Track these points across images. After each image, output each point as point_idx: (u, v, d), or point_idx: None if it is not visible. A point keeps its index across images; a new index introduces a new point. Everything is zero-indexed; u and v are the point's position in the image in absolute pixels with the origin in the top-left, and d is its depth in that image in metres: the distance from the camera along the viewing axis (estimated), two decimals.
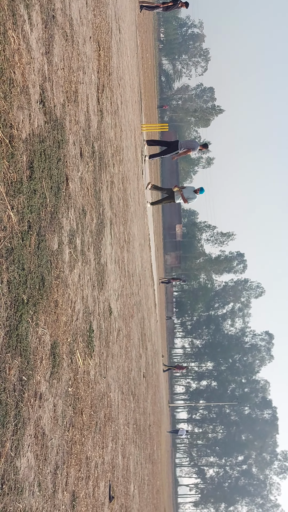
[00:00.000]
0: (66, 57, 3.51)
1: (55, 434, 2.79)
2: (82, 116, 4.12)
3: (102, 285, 5.01)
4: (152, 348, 17.02)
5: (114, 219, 6.46)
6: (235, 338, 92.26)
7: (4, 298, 2.07)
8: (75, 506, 3.24)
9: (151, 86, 37.40)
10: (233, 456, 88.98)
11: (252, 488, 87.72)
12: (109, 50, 6.71)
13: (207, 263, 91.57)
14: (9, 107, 2.19)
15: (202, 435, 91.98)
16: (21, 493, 2.17)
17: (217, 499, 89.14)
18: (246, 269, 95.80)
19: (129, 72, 11.26)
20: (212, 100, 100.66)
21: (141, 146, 14.18)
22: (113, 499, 4.97)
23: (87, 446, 3.76)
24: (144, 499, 9.56)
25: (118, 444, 5.76)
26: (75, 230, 3.61)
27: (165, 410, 35.15)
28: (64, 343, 3.10)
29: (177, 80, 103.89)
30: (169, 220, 70.45)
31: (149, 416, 12.62)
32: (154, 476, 14.38)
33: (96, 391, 4.32)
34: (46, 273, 2.72)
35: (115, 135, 7.02)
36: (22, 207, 2.33)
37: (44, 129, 2.79)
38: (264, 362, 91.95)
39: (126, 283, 7.94)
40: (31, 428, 2.35)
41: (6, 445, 2.01)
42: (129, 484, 6.81)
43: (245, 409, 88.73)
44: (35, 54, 2.66)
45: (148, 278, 17.13)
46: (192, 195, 12.96)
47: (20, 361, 2.22)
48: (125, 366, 7.10)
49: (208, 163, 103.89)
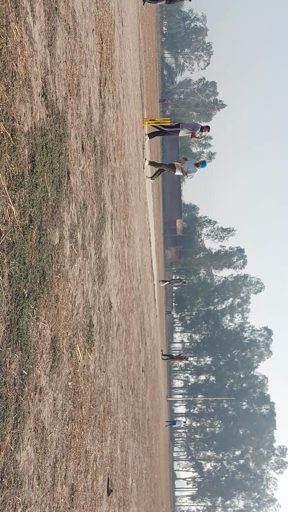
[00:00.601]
0: (68, 50, 3.49)
1: (54, 428, 2.80)
2: (84, 109, 4.10)
3: (103, 280, 5.01)
4: (151, 342, 17.05)
5: (115, 213, 6.45)
6: (234, 333, 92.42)
7: (5, 292, 2.07)
8: (74, 499, 3.25)
9: (153, 79, 37.24)
10: (230, 451, 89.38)
11: (249, 483, 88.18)
12: (111, 43, 6.68)
13: (207, 258, 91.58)
14: (11, 100, 2.18)
15: (200, 430, 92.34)
16: (20, 486, 2.18)
17: (214, 493, 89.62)
18: (246, 264, 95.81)
19: (131, 65, 11.20)
20: (214, 94, 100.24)
21: (142, 140, 14.14)
22: (111, 493, 4.99)
23: (86, 440, 3.77)
24: (142, 492, 9.61)
25: (117, 438, 5.78)
26: (76, 225, 3.60)
27: (163, 404, 35.26)
28: (64, 338, 3.11)
29: (179, 74, 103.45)
30: (170, 215, 70.36)
31: (147, 410, 12.66)
32: (152, 469, 14.45)
33: (95, 385, 4.33)
34: (47, 267, 2.72)
35: (117, 129, 6.99)
36: (23, 201, 2.32)
37: (46, 123, 2.78)
38: (263, 357, 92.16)
39: (126, 278, 7.94)
40: (31, 422, 2.35)
41: (6, 439, 2.01)
42: (127, 477, 6.84)
43: (243, 404, 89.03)
44: (38, 47, 2.64)
45: (148, 273, 17.13)
46: (193, 169, 12.68)
47: (21, 355, 2.22)
48: (125, 360, 7.12)
49: (210, 157, 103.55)
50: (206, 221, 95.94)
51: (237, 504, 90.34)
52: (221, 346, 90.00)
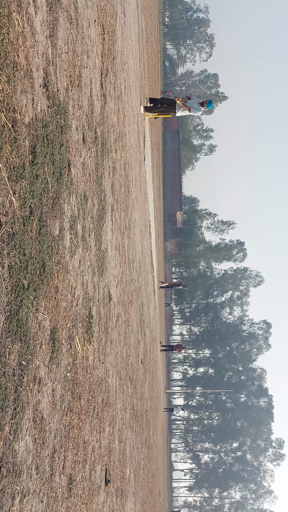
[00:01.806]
0: (70, 41, 3.47)
1: (53, 418, 2.82)
2: (85, 101, 4.09)
3: (102, 271, 5.02)
4: (150, 334, 17.10)
5: (116, 205, 6.44)
6: (233, 326, 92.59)
7: (5, 283, 2.07)
8: (71, 489, 3.28)
9: (155, 71, 37.02)
10: (228, 443, 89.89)
11: (246, 474, 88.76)
12: (113, 34, 6.63)
13: (207, 251, 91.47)
14: (13, 91, 2.17)
15: (198, 421, 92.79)
16: (19, 476, 2.20)
17: (211, 484, 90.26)
18: (245, 257, 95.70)
19: (133, 56, 11.13)
20: (216, 86, 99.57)
21: (143, 132, 14.06)
22: (109, 483, 5.03)
23: (84, 431, 3.80)
24: (139, 483, 9.69)
25: (115, 429, 5.81)
26: (76, 216, 3.60)
27: (162, 396, 35.43)
28: (63, 329, 3.12)
29: (181, 65, 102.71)
30: (170, 207, 70.25)
31: (146, 402, 12.73)
32: (150, 460, 14.55)
33: (94, 377, 4.35)
34: (47, 258, 2.72)
35: (118, 121, 6.97)
36: (24, 192, 2.32)
37: (47, 114, 2.77)
38: (261, 350, 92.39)
39: (126, 270, 7.94)
40: (29, 412, 2.37)
41: (5, 429, 2.03)
42: (125, 468, 6.90)
43: (241, 396, 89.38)
44: (39, 37, 2.63)
45: (148, 265, 17.14)
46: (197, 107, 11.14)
47: (20, 346, 2.23)
48: (124, 352, 7.14)
49: (211, 150, 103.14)
50: (206, 214, 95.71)
51: (234, 495, 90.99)
52: (220, 339, 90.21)
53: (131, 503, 7.79)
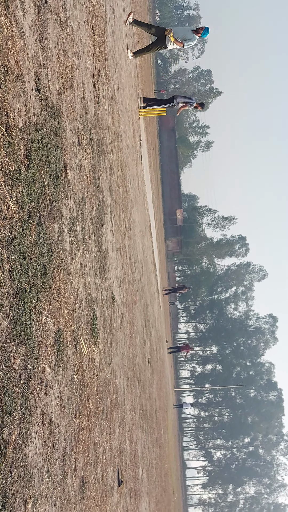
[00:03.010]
0: (60, 43, 3.46)
1: (62, 421, 2.82)
2: (78, 102, 4.08)
3: (104, 273, 5.02)
4: (156, 334, 17.09)
5: (114, 206, 6.44)
6: (238, 321, 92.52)
7: (6, 287, 2.07)
8: (84, 491, 3.28)
9: (148, 70, 37.02)
10: (239, 438, 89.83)
11: (259, 469, 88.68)
12: (104, 35, 6.63)
13: (209, 248, 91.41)
14: (4, 95, 2.17)
15: (208, 419, 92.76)
16: (30, 480, 2.19)
17: (224, 480, 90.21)
18: (248, 252, 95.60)
19: (125, 56, 11.12)
20: (210, 82, 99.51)
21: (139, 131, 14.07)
22: (122, 483, 5.03)
23: (94, 432, 3.80)
24: (152, 482, 9.68)
25: (125, 430, 5.81)
26: (75, 218, 3.60)
27: (171, 395, 35.42)
28: (68, 331, 3.11)
29: (174, 63, 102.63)
30: (170, 205, 70.19)
31: (155, 401, 12.72)
32: (162, 459, 14.54)
33: (101, 378, 4.35)
34: (47, 261, 2.72)
35: (113, 121, 6.96)
36: (21, 196, 2.32)
37: (41, 117, 2.77)
38: (269, 344, 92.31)
39: (128, 270, 7.94)
40: (38, 416, 2.36)
41: (14, 433, 2.02)
42: (137, 468, 6.89)
43: (250, 391, 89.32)
44: (29, 41, 2.62)
45: (150, 264, 17.14)
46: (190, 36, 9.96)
47: (25, 349, 2.23)
48: (130, 352, 7.14)
49: (207, 146, 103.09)
50: (206, 210, 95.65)
51: (248, 490, 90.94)
52: (227, 335, 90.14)
53: (145, 503, 7.79)
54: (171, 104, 12.21)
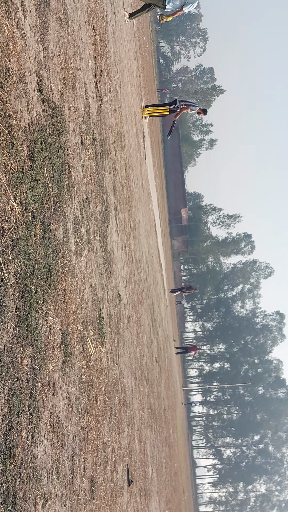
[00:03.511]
0: (61, 43, 3.46)
1: (70, 421, 2.82)
2: (81, 102, 4.08)
3: (110, 273, 5.01)
4: (163, 333, 17.08)
5: (119, 206, 6.43)
6: (246, 319, 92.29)
7: (12, 289, 2.07)
8: (94, 491, 3.27)
9: (150, 69, 36.99)
10: (249, 436, 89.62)
11: (269, 467, 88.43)
12: (105, 35, 6.62)
13: (215, 246, 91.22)
14: (6, 96, 2.17)
15: (217, 417, 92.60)
16: (39, 481, 2.19)
17: (235, 478, 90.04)
18: (254, 250, 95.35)
19: (126, 56, 11.12)
20: (212, 80, 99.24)
21: (142, 131, 14.07)
22: (132, 483, 5.02)
23: (103, 432, 3.80)
24: (162, 482, 9.68)
25: (134, 429, 5.81)
26: (79, 219, 3.59)
27: (179, 393, 35.40)
28: (74, 332, 3.11)
29: (176, 62, 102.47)
30: (174, 204, 70.13)
31: (163, 400, 12.71)
32: (172, 458, 14.53)
33: (109, 378, 4.34)
34: (52, 262, 2.72)
35: (116, 121, 6.96)
36: (25, 197, 2.32)
37: (43, 118, 2.77)
38: (276, 341, 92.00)
39: (134, 270, 7.94)
40: (46, 416, 2.36)
41: (22, 434, 2.02)
42: (147, 467, 6.89)
43: (259, 389, 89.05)
44: (30, 41, 2.62)
45: (156, 264, 17.12)
46: None
47: (32, 350, 2.23)
48: (137, 352, 7.13)
49: (211, 144, 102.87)
50: (211, 209, 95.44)
51: (259, 488, 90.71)
52: (234, 333, 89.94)
53: (156, 502, 7.78)
54: (174, 106, 12.27)
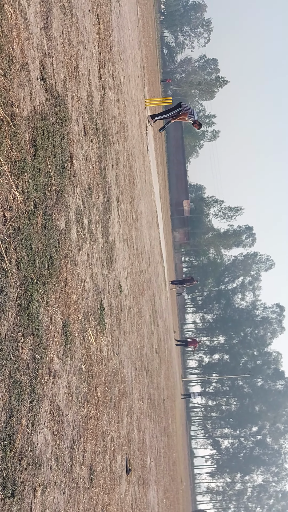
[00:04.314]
0: (65, 32, 3.44)
1: (70, 410, 2.83)
2: (84, 92, 4.06)
3: (111, 263, 5.02)
4: (163, 324, 17.12)
5: (121, 197, 6.42)
6: (246, 311, 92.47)
7: (14, 278, 2.07)
8: (93, 479, 3.30)
9: (154, 59, 36.73)
10: (247, 427, 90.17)
11: (267, 458, 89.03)
12: (109, 24, 6.57)
13: (216, 238, 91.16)
14: (9, 85, 2.16)
15: (216, 408, 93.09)
16: (39, 468, 2.21)
17: (232, 469, 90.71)
18: (255, 242, 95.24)
19: (130, 46, 11.04)
20: (216, 71, 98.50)
21: (145, 121, 14.01)
22: (130, 472, 5.07)
23: (102, 421, 3.82)
24: (160, 471, 9.75)
25: (133, 419, 5.84)
26: (81, 209, 3.59)
27: (178, 384, 35.57)
28: (75, 321, 3.12)
29: (179, 52, 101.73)
30: (176, 196, 69.95)
31: (163, 391, 12.78)
32: (170, 448, 14.64)
33: (109, 368, 4.36)
34: (54, 252, 2.72)
35: (119, 111, 6.92)
36: (27, 186, 2.32)
37: (46, 107, 2.76)
38: (276, 334, 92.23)
39: (135, 261, 7.94)
40: (46, 405, 2.38)
41: (22, 422, 2.04)
42: (145, 456, 6.94)
43: (257, 381, 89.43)
44: (34, 29, 2.60)
45: (157, 256, 17.12)
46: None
47: (33, 339, 2.24)
48: (137, 342, 7.16)
49: (214, 136, 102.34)
50: (213, 201, 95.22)
51: (256, 479, 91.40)
52: (234, 325, 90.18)
53: (154, 491, 7.85)
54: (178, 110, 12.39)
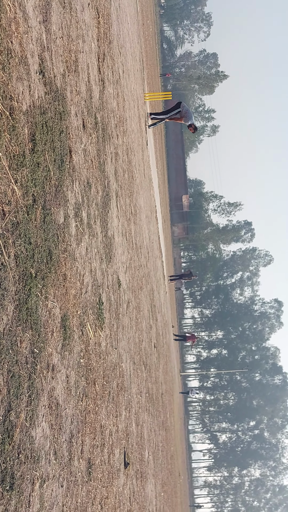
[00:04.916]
0: (64, 25, 3.42)
1: (69, 404, 2.84)
2: (83, 86, 4.05)
3: (110, 258, 5.02)
4: (162, 319, 17.15)
5: (120, 191, 6.42)
6: (244, 306, 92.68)
7: (12, 272, 2.08)
8: (91, 472, 3.32)
9: (153, 54, 36.58)
10: (245, 422, 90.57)
11: (264, 452, 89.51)
12: (108, 17, 6.54)
13: (215, 233, 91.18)
14: (8, 79, 2.15)
15: (214, 402, 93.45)
16: (37, 462, 2.22)
17: (230, 463, 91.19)
18: (254, 237, 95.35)
19: (130, 40, 10.99)
20: (216, 66, 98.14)
21: (145, 116, 13.97)
22: (128, 465, 5.09)
23: (101, 415, 3.84)
24: (158, 465, 9.80)
25: (131, 413, 5.86)
26: (80, 203, 3.59)
27: (176, 379, 35.67)
28: (74, 316, 3.13)
29: (179, 47, 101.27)
30: (176, 191, 69.86)
31: (161, 385, 12.82)
32: (168, 442, 14.70)
33: (108, 362, 4.38)
34: (53, 246, 2.72)
35: (118, 105, 6.91)
36: (25, 180, 2.31)
37: (45, 101, 2.75)
38: (274, 329, 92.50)
39: (134, 256, 7.94)
40: (45, 399, 2.39)
41: (21, 416, 2.05)
42: (143, 450, 6.97)
43: (255, 375, 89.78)
44: (32, 23, 2.59)
45: (156, 250, 17.13)
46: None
47: (31, 334, 2.24)
48: (136, 337, 7.18)
49: (213, 131, 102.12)
50: (212, 196, 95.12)
51: (254, 473, 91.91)
52: (232, 320, 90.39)
53: (151, 484, 7.90)
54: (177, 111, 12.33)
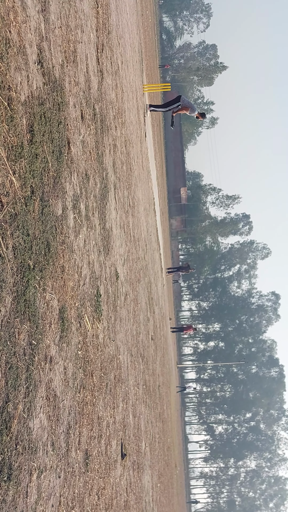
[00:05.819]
0: (63, 15, 3.39)
1: (66, 395, 2.85)
2: (81, 77, 4.02)
3: (108, 250, 5.01)
4: (159, 311, 17.19)
5: (118, 183, 6.40)
6: (241, 299, 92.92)
7: (10, 264, 2.07)
8: (88, 463, 3.34)
9: (152, 45, 36.35)
10: (241, 414, 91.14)
11: (260, 444, 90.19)
12: (107, 7, 6.48)
13: (213, 226, 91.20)
14: (6, 68, 2.13)
15: (210, 394, 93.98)
16: (35, 453, 2.23)
17: (226, 454, 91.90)
18: (251, 230, 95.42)
19: (128, 30, 10.91)
20: (215, 57, 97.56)
21: (144, 109, 13.91)
22: (125, 457, 5.12)
23: (98, 407, 3.85)
24: (155, 456, 9.86)
25: (128, 404, 5.89)
26: (78, 195, 3.58)
27: (174, 371, 35.82)
28: (72, 308, 3.13)
29: (178, 38, 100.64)
30: (174, 183, 69.75)
31: (158, 377, 12.87)
32: (165, 434, 14.79)
33: (105, 354, 4.39)
34: (51, 238, 2.71)
35: (117, 97, 6.87)
36: (24, 172, 2.30)
37: (43, 91, 2.73)
38: (271, 322, 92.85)
39: (132, 248, 7.94)
40: (42, 390, 2.39)
41: (18, 407, 2.05)
42: (140, 442, 7.01)
43: (252, 368, 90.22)
44: (31, 12, 2.57)
45: (154, 243, 17.12)
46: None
47: (29, 325, 2.24)
48: (133, 329, 7.19)
49: (212, 123, 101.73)
50: (211, 189, 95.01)
51: (249, 464, 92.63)
52: (229, 313, 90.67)
53: (148, 475, 7.95)
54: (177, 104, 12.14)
